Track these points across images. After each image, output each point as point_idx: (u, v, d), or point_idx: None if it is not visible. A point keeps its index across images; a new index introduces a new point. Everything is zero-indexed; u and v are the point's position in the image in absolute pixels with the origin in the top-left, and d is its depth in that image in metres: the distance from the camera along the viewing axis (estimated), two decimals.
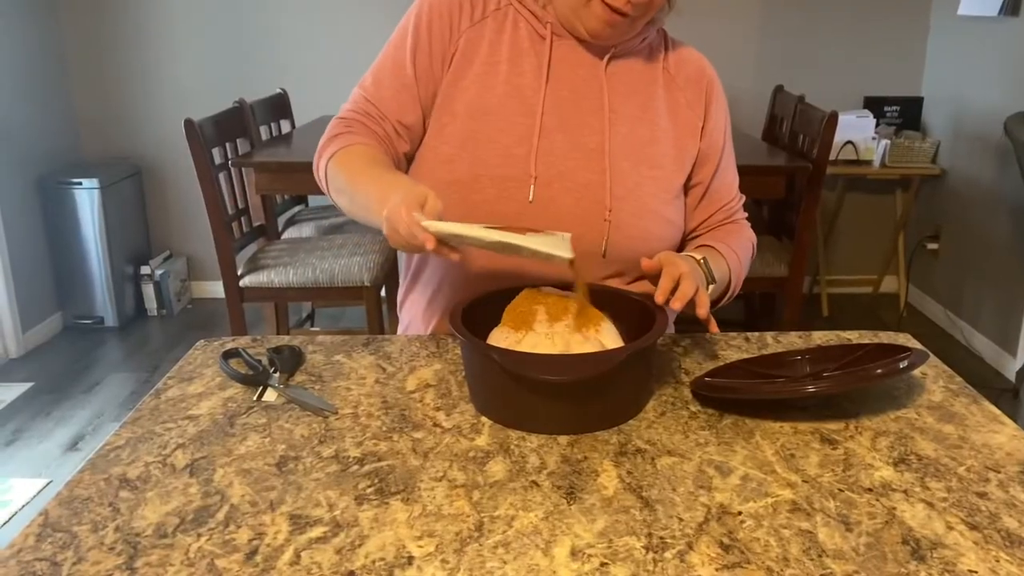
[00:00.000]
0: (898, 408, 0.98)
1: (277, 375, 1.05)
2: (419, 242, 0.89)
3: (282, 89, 3.33)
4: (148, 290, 3.70)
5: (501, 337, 0.96)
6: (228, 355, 1.10)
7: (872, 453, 0.88)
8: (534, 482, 0.82)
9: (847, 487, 0.81)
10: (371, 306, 2.55)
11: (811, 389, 0.93)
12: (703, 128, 1.21)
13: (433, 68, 1.15)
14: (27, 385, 3.05)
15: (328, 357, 1.12)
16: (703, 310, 0.99)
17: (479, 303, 1.03)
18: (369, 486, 0.82)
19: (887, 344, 1.05)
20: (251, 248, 2.78)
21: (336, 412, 0.97)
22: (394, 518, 0.76)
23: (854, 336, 1.18)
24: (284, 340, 1.16)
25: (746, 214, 1.30)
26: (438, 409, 0.97)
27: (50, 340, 3.47)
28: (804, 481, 0.82)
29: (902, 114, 3.70)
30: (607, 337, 0.96)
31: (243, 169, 2.67)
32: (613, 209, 1.12)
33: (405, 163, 1.18)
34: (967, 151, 3.39)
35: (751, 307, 3.36)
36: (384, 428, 0.93)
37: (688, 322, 1.37)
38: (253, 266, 2.55)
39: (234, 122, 2.74)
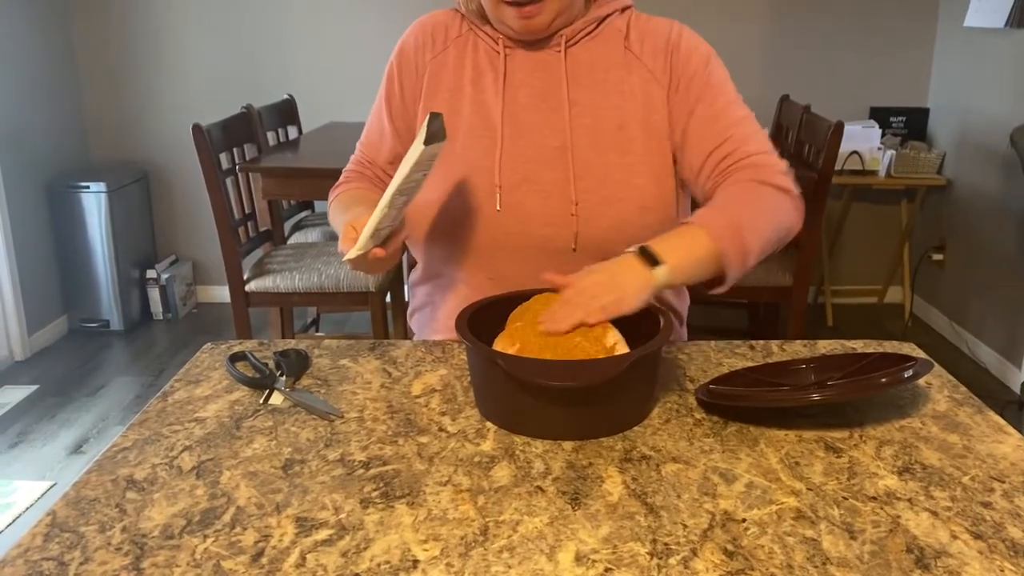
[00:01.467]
0: (903, 417, 0.98)
1: (283, 379, 1.05)
2: (370, 267, 1.05)
3: (289, 95, 3.34)
4: (154, 294, 3.72)
5: (507, 342, 0.96)
6: (235, 358, 1.11)
7: (876, 462, 0.88)
8: (539, 487, 0.82)
9: (851, 495, 0.81)
10: (376, 311, 2.55)
11: (816, 397, 0.93)
12: (670, 85, 1.16)
13: (406, 108, 1.23)
14: (32, 388, 3.06)
15: (334, 361, 1.13)
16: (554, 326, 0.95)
17: (485, 308, 1.04)
18: (374, 490, 0.82)
19: (892, 353, 1.05)
20: (257, 253, 2.79)
21: (342, 416, 0.97)
22: (399, 522, 0.77)
23: (859, 345, 1.19)
24: (291, 344, 1.17)
25: (778, 169, 1.14)
26: (443, 414, 0.98)
27: (55, 343, 3.48)
28: (808, 489, 0.82)
29: (908, 124, 3.70)
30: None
31: (250, 174, 2.68)
32: (579, 203, 1.14)
33: None
34: (973, 162, 3.39)
35: (755, 317, 3.35)
36: (389, 432, 0.93)
37: (692, 329, 1.37)
38: (259, 271, 2.56)
39: (241, 127, 2.75)
